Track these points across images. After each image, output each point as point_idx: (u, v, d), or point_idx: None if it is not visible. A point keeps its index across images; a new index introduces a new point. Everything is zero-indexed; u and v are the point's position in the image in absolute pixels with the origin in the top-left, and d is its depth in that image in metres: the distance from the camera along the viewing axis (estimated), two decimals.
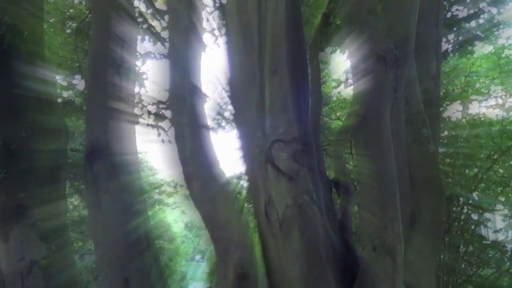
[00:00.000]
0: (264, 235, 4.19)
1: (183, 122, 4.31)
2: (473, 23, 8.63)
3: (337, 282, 4.10)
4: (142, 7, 8.21)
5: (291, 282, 3.94)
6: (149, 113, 8.64)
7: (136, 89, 8.35)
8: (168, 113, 8.69)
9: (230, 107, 11.28)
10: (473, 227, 8.89)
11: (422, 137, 5.04)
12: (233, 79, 4.47)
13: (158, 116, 8.63)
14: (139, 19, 7.80)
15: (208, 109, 4.61)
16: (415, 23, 4.91)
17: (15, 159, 4.63)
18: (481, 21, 8.65)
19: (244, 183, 11.02)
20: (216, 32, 9.49)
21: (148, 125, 8.64)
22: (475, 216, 8.77)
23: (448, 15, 8.40)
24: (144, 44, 9.03)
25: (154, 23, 8.79)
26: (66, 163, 5.22)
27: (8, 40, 4.73)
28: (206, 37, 9.30)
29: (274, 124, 4.07)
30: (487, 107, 9.74)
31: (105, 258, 4.48)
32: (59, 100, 7.91)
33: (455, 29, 8.49)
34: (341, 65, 10.66)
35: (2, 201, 4.61)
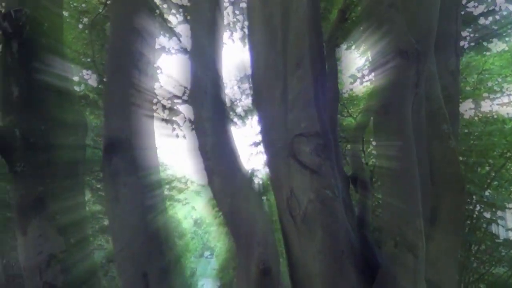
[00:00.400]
0: (286, 230, 4.16)
1: (204, 116, 4.28)
2: (489, 20, 8.58)
3: (357, 278, 4.07)
4: (157, 1, 8.19)
5: (312, 277, 3.92)
6: (164, 107, 8.61)
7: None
8: (183, 108, 8.68)
9: (242, 103, 11.29)
10: (484, 225, 8.86)
11: (443, 133, 5.01)
12: (255, 72, 4.44)
13: (173, 111, 8.61)
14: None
15: None
16: (437, 17, 4.88)
17: (34, 152, 4.60)
18: (497, 17, 8.60)
19: (256, 180, 11.03)
20: (231, 27, 9.48)
21: (162, 120, 8.62)
22: (487, 214, 8.74)
23: (463, 11, 8.36)
24: (159, 39, 9.01)
25: (169, 17, 8.77)
26: (85, 157, 5.20)
27: (28, 32, 4.70)
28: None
29: (297, 118, 4.04)
30: (500, 105, 9.71)
31: (123, 253, 4.44)
32: None
33: (472, 26, 8.44)
34: (354, 62, 10.65)
35: (20, 194, 4.58)
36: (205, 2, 4.49)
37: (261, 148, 11.41)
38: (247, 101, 11.37)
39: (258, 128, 10.99)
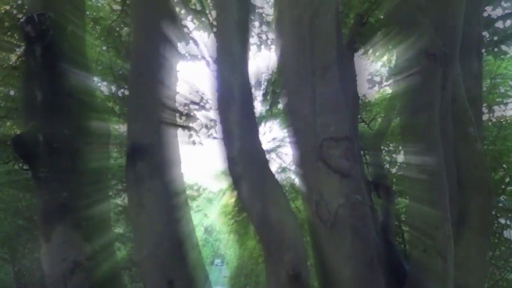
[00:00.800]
0: (315, 234, 4.12)
1: (232, 120, 4.22)
2: (508, 23, 8.52)
3: (386, 284, 4.02)
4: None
5: (342, 282, 3.88)
6: (181, 114, 8.53)
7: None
8: (200, 114, 8.62)
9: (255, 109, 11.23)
10: (499, 230, 8.83)
11: (469, 136, 4.98)
12: (284, 76, 4.39)
13: (189, 117, 8.53)
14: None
15: None
16: (462, 20, 4.86)
17: (57, 157, 4.53)
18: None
19: None
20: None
21: (178, 126, 8.52)
22: (502, 220, 8.72)
23: None
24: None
25: (185, 23, 8.72)
26: (109, 163, 5.14)
27: (52, 36, 4.64)
28: None
29: (326, 121, 3.98)
30: None
31: (148, 259, 4.37)
32: None
33: (490, 29, 8.38)
34: (366, 67, 10.58)
35: (44, 200, 4.50)
36: (233, 3, 4.43)
37: (273, 155, 11.34)
38: (259, 108, 11.31)
39: (271, 135, 10.92)
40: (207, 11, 8.25)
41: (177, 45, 5.47)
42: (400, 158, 10.06)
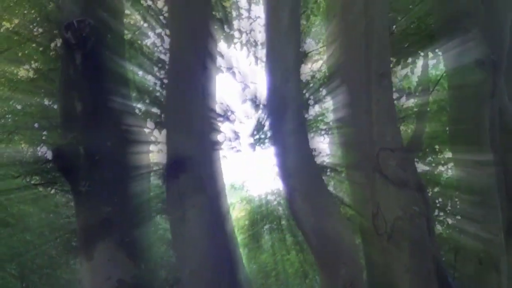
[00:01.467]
0: (371, 248, 4.01)
1: (285, 130, 4.07)
2: None
3: None
4: None
5: None
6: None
7: None
8: (225, 126, 8.43)
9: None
10: None
11: None
12: (338, 82, 4.28)
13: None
14: None
15: None
16: (509, 26, 4.81)
17: (99, 170, 4.32)
18: None
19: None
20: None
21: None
22: None
23: None
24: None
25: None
26: (150, 176, 4.94)
27: (93, 44, 4.44)
28: None
29: (382, 131, 3.87)
30: None
31: (191, 276, 4.19)
32: None
33: None
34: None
35: (84, 216, 4.29)
36: (285, 5, 4.26)
37: None
38: None
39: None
40: (230, 20, 8.12)
41: (216, 56, 5.32)
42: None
